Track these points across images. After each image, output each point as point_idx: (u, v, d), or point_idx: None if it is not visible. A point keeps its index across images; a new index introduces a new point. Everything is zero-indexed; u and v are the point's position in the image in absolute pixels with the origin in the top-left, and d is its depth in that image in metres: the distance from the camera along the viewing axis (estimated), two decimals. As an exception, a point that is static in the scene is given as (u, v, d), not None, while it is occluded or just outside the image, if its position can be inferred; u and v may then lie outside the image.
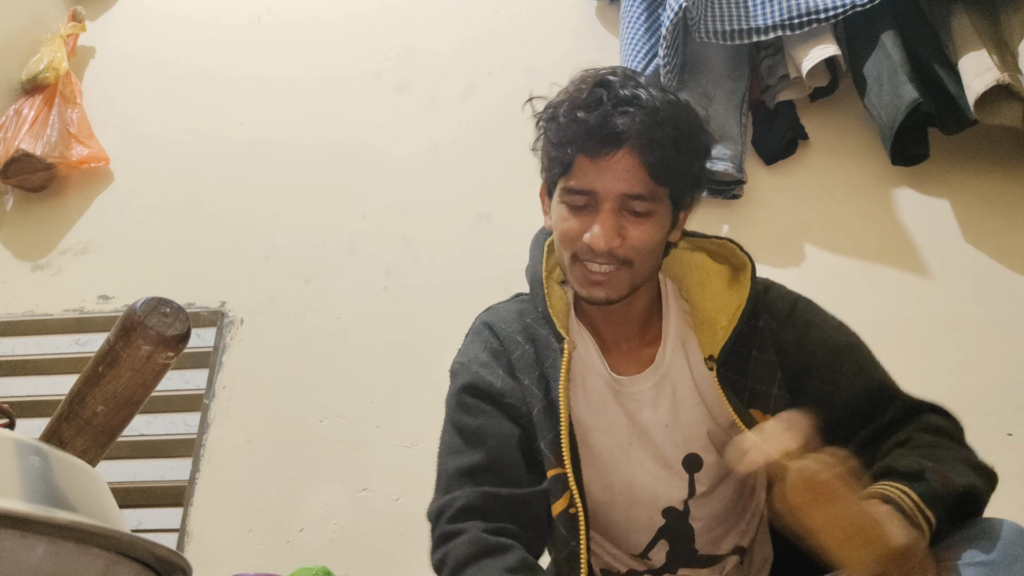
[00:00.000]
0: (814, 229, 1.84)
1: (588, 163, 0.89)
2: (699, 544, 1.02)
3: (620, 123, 0.86)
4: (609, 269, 0.91)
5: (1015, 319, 1.67)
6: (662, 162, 0.88)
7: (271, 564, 1.63)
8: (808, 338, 0.97)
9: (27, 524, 0.51)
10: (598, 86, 0.90)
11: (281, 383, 1.93)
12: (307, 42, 2.37)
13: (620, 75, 0.91)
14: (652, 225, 0.91)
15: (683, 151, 0.89)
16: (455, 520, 0.90)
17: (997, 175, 1.79)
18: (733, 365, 0.96)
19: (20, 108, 2.24)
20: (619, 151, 0.87)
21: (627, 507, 1.00)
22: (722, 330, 0.96)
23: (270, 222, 2.13)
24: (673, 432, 0.98)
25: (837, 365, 0.95)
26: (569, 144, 0.90)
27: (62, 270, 2.17)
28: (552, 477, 0.96)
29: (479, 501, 0.91)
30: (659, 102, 0.88)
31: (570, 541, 0.94)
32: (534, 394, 0.98)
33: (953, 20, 1.75)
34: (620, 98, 0.88)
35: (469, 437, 0.97)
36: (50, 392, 1.96)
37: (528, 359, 1.00)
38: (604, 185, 0.89)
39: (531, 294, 1.04)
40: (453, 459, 0.96)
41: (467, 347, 1.06)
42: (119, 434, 0.78)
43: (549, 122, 0.93)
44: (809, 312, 1.01)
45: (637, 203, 0.89)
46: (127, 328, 0.73)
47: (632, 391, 0.99)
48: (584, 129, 0.88)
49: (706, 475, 0.99)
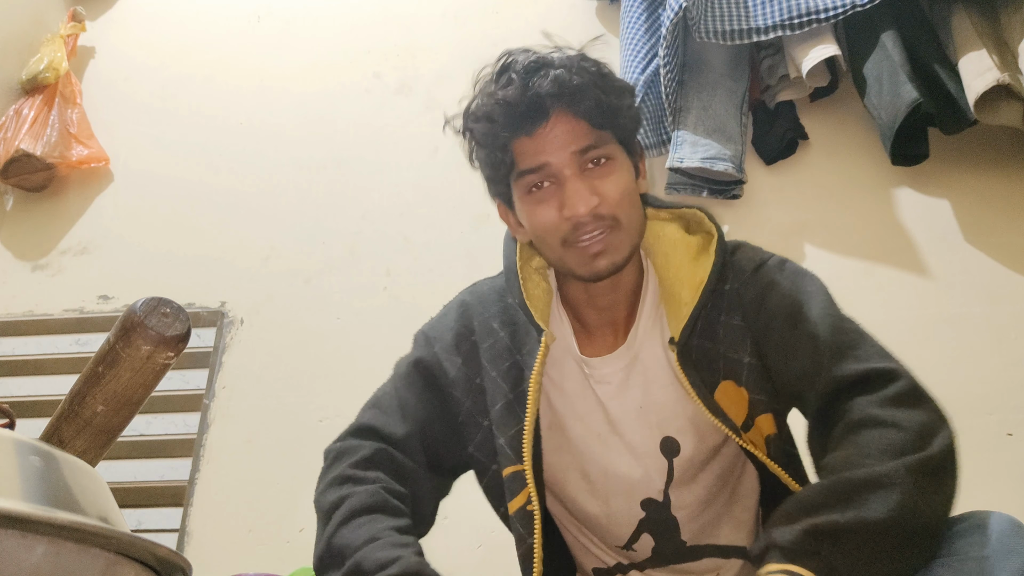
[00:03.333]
0: (814, 229, 1.84)
1: (528, 141, 0.88)
2: (686, 535, 1.00)
3: (541, 88, 0.86)
4: (601, 234, 0.89)
5: (1015, 319, 1.67)
6: (596, 107, 0.87)
7: (271, 564, 1.63)
8: (768, 298, 0.91)
9: (27, 524, 0.51)
10: (503, 70, 0.90)
11: (281, 383, 1.93)
12: (307, 42, 2.37)
13: (518, 51, 0.91)
14: (617, 171, 0.90)
15: (609, 91, 0.89)
16: (359, 467, 0.92)
17: (997, 175, 1.79)
18: (705, 332, 0.93)
19: (20, 108, 2.24)
20: (551, 117, 0.87)
21: (606, 498, 0.99)
22: (685, 306, 0.93)
23: (270, 222, 2.13)
24: (648, 414, 0.96)
25: (793, 329, 0.87)
26: (501, 131, 0.89)
27: (62, 270, 2.17)
28: (510, 475, 0.96)
29: (386, 460, 0.93)
30: (566, 57, 0.89)
31: (527, 539, 0.94)
32: (499, 387, 0.97)
33: (953, 20, 1.75)
34: (528, 67, 0.87)
35: (401, 407, 0.98)
36: (50, 392, 1.96)
37: (500, 347, 0.99)
38: (553, 153, 0.88)
39: (507, 285, 1.02)
40: (377, 415, 0.98)
41: (437, 321, 1.06)
42: (119, 434, 0.78)
43: (474, 124, 0.92)
44: (775, 271, 0.94)
45: (591, 153, 0.88)
46: (127, 328, 0.73)
47: (602, 373, 0.97)
48: (508, 110, 0.87)
49: (686, 459, 0.96)
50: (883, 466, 0.69)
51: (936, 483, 0.71)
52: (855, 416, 0.76)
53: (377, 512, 0.85)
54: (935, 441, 0.72)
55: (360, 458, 0.92)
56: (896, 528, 0.67)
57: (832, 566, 0.65)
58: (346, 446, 0.96)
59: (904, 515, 0.67)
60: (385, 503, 0.87)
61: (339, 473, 0.91)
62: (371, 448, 0.94)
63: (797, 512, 0.69)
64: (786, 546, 0.66)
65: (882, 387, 0.78)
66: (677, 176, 1.82)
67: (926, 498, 0.69)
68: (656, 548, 1.00)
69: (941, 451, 0.72)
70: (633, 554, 1.02)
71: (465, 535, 1.61)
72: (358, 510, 0.85)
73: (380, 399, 1.01)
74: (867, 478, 0.69)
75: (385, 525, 0.83)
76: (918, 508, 0.68)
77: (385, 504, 0.86)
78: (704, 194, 1.84)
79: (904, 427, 0.73)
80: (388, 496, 0.88)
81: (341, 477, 0.91)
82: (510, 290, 1.01)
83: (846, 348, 0.83)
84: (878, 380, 0.79)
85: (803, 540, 0.66)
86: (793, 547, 0.66)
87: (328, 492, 0.90)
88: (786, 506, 0.70)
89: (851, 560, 0.66)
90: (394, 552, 0.79)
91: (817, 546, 0.66)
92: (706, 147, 1.78)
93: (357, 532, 0.82)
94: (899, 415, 0.75)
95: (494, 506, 1.03)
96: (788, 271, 0.95)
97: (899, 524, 0.67)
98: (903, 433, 0.73)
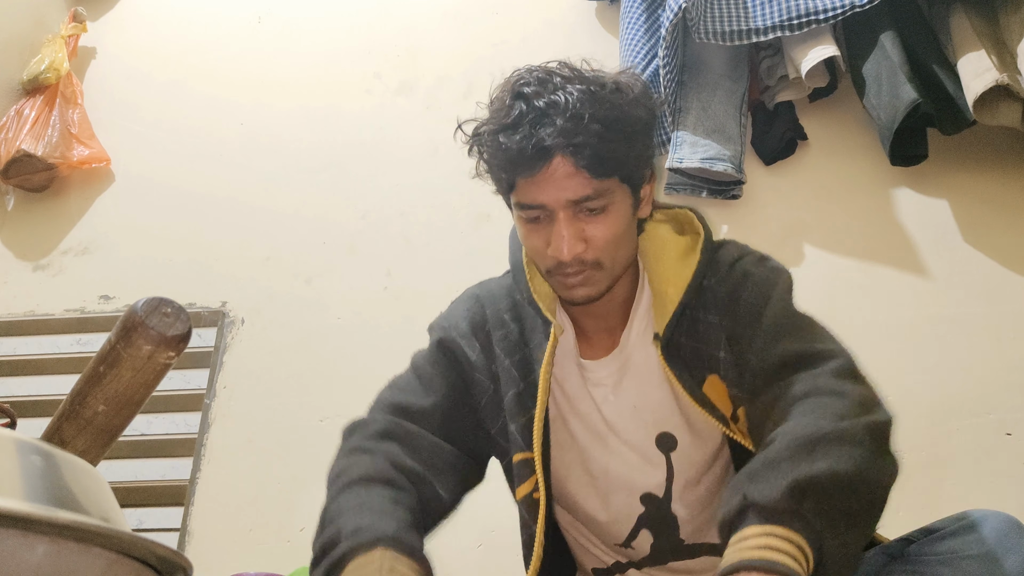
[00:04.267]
0: (813, 229, 1.84)
1: (527, 181, 0.89)
2: (684, 534, 1.00)
3: (544, 135, 0.85)
4: (582, 275, 0.91)
5: (1015, 319, 1.67)
6: (597, 159, 0.86)
7: (271, 564, 1.63)
8: (739, 294, 0.93)
9: (28, 523, 0.51)
10: (516, 99, 0.88)
11: (281, 383, 1.93)
12: (307, 43, 2.37)
13: (535, 81, 0.88)
14: (612, 217, 0.90)
15: (615, 139, 0.87)
16: (372, 439, 0.91)
17: (996, 175, 1.79)
18: (689, 330, 0.95)
19: (21, 108, 2.24)
20: (552, 162, 0.86)
21: (606, 494, 1.00)
22: (670, 304, 0.95)
23: (270, 222, 2.13)
24: (643, 413, 0.98)
25: (756, 322, 0.90)
26: (503, 170, 0.90)
27: (63, 270, 2.17)
28: (520, 461, 0.97)
29: (400, 433, 0.92)
30: (579, 100, 0.86)
31: (531, 524, 0.95)
32: (512, 376, 0.98)
33: (952, 21, 1.75)
34: (538, 110, 0.86)
35: (423, 382, 0.98)
36: (51, 392, 1.96)
37: (512, 339, 1.01)
38: (550, 197, 0.88)
39: (515, 281, 1.04)
40: (396, 394, 0.98)
41: (450, 312, 1.07)
42: (120, 434, 0.78)
43: (481, 147, 0.93)
44: (751, 266, 0.95)
45: (588, 203, 0.88)
46: (128, 328, 0.73)
47: (598, 376, 1.00)
48: (511, 154, 0.87)
49: (684, 456, 0.97)
50: (840, 424, 0.70)
51: (885, 447, 0.72)
52: (800, 388, 0.78)
53: (375, 482, 0.85)
54: (879, 412, 0.74)
55: (373, 431, 0.93)
56: (863, 482, 0.67)
57: (812, 527, 0.64)
58: (361, 420, 0.96)
59: (869, 469, 0.68)
60: (386, 474, 0.86)
61: (351, 445, 0.92)
62: (385, 421, 0.94)
63: (766, 470, 0.68)
64: (768, 504, 0.65)
65: (823, 363, 0.80)
66: (677, 176, 1.83)
67: (880, 459, 0.70)
68: (654, 545, 1.01)
69: (886, 421, 0.74)
70: (631, 552, 1.03)
71: (465, 535, 1.61)
72: (356, 480, 0.85)
73: (399, 380, 1.02)
74: (830, 432, 0.69)
75: (378, 493, 0.83)
76: (876, 466, 0.69)
77: (386, 475, 0.86)
78: (703, 194, 1.84)
79: (848, 396, 0.75)
80: (392, 468, 0.87)
81: (351, 448, 0.91)
82: (517, 285, 1.03)
83: (793, 329, 0.87)
84: (819, 357, 0.82)
85: (786, 497, 0.65)
86: (775, 506, 0.65)
87: (336, 464, 0.90)
88: (752, 466, 0.69)
89: (828, 520, 0.65)
90: (372, 519, 0.78)
91: (799, 503, 0.64)
92: (705, 147, 1.79)
93: (348, 499, 0.82)
94: (842, 386, 0.76)
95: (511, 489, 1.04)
96: (764, 267, 0.96)
97: (866, 478, 0.67)
98: (847, 401, 0.74)
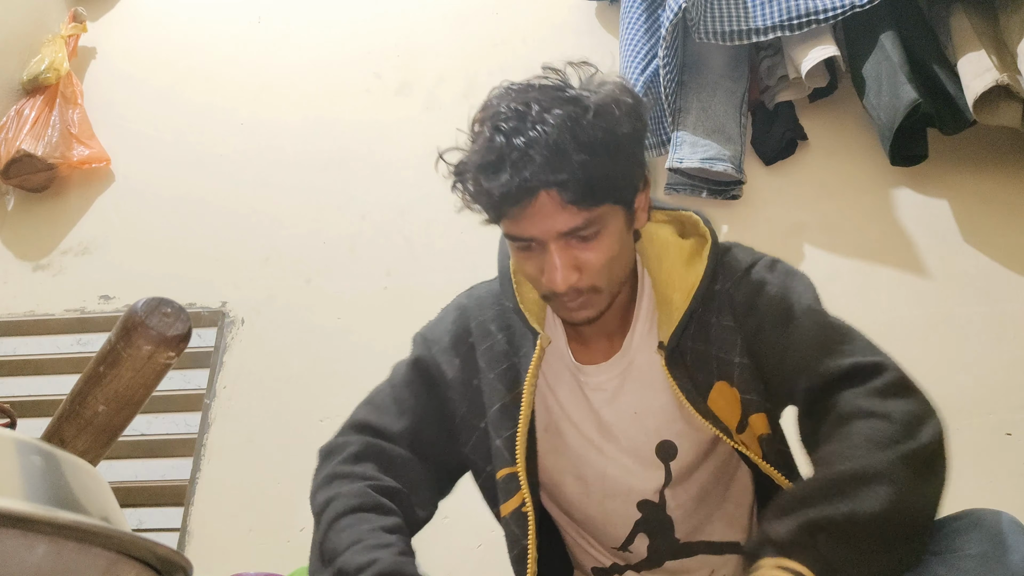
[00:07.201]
0: (813, 229, 1.84)
1: (514, 217, 0.85)
2: (680, 533, 1.00)
3: (526, 174, 0.80)
4: (581, 299, 0.89)
5: (1014, 319, 1.67)
6: (584, 190, 0.82)
7: (271, 564, 1.63)
8: (759, 298, 0.91)
9: (28, 524, 0.51)
10: (495, 133, 0.83)
11: (281, 383, 1.93)
12: (307, 43, 2.37)
13: (514, 115, 0.83)
14: (605, 241, 0.87)
15: (601, 165, 0.82)
16: (348, 463, 0.92)
17: (996, 175, 1.80)
18: (698, 335, 0.93)
19: (21, 108, 2.24)
20: (537, 198, 0.82)
21: (601, 500, 1.00)
22: (676, 311, 0.92)
23: (270, 222, 2.13)
24: (644, 419, 0.97)
25: (783, 328, 0.87)
26: (489, 209, 0.87)
27: (63, 270, 2.17)
28: (505, 476, 0.96)
29: (375, 453, 0.93)
30: (559, 129, 0.80)
31: (521, 540, 0.94)
32: (496, 389, 0.98)
33: (952, 21, 1.75)
34: (518, 148, 0.81)
35: (397, 403, 0.99)
36: (51, 392, 1.96)
37: (498, 350, 1.00)
38: (539, 230, 0.84)
39: (501, 290, 1.02)
40: (370, 411, 0.99)
41: (435, 324, 1.07)
42: (120, 434, 0.78)
43: (464, 184, 0.89)
44: (765, 271, 0.94)
45: (580, 232, 0.85)
46: (128, 328, 0.73)
47: (597, 381, 0.98)
48: (494, 196, 0.83)
49: (683, 462, 0.97)
50: (874, 458, 0.70)
51: (926, 473, 0.71)
52: (844, 409, 0.76)
53: (362, 512, 0.85)
54: (924, 431, 0.73)
55: (348, 454, 0.93)
56: (889, 521, 0.67)
57: (827, 560, 0.65)
58: (335, 443, 0.97)
59: (897, 507, 0.67)
60: (371, 501, 0.87)
61: (328, 472, 0.92)
62: (360, 443, 0.94)
63: (791, 506, 0.69)
64: (781, 540, 0.67)
65: (870, 379, 0.78)
66: (677, 176, 1.83)
67: (917, 489, 0.69)
68: (651, 547, 1.01)
69: (931, 441, 0.72)
70: (629, 555, 1.03)
71: (465, 535, 1.61)
72: (343, 512, 0.85)
73: (375, 397, 1.02)
74: (859, 471, 0.69)
75: (370, 526, 0.83)
76: (910, 500, 0.68)
77: (371, 503, 0.87)
78: (704, 195, 1.84)
79: (893, 418, 0.73)
80: (375, 494, 0.88)
81: (330, 475, 0.92)
82: (504, 294, 1.01)
83: (834, 343, 0.83)
84: (866, 373, 0.79)
85: (798, 534, 0.66)
86: (788, 541, 0.66)
87: (318, 493, 0.91)
88: (780, 501, 0.71)
89: (845, 553, 0.66)
90: (373, 555, 0.79)
91: (812, 540, 0.66)
92: (705, 148, 1.79)
93: (341, 536, 0.83)
94: (887, 406, 0.75)
95: (491, 506, 1.04)
96: (779, 271, 0.95)
97: (892, 517, 0.67)
98: (892, 424, 0.73)
